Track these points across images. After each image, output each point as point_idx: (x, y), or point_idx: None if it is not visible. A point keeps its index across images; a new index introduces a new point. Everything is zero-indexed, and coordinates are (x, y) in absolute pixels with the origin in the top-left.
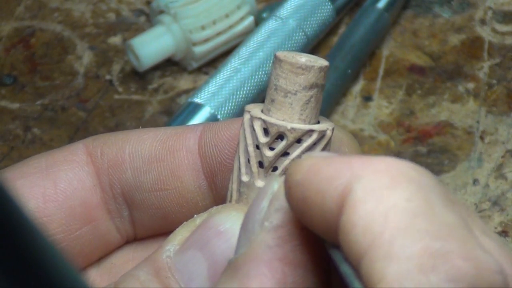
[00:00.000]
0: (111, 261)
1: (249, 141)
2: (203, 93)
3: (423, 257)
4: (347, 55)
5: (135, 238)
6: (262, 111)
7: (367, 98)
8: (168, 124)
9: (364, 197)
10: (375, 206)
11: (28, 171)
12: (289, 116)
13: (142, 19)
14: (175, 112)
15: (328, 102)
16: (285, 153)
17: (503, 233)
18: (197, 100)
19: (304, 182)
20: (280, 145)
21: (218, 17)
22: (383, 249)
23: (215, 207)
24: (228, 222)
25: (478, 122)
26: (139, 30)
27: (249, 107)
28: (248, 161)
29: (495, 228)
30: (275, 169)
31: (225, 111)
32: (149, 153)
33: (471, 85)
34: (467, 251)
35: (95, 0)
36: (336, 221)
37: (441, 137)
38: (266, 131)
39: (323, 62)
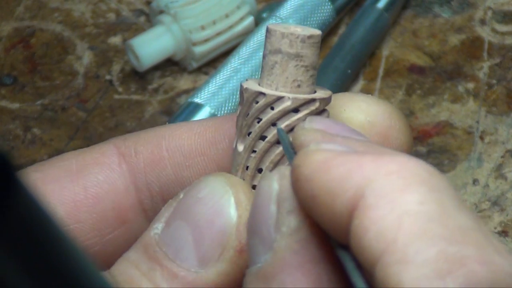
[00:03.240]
0: None
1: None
2: (203, 93)
3: (439, 262)
4: (347, 55)
5: None
6: None
7: None
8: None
9: (376, 202)
10: (387, 211)
11: (58, 175)
12: (261, 80)
13: (142, 19)
14: (175, 112)
15: None
16: (246, 114)
17: (503, 233)
18: (197, 100)
19: (314, 178)
20: (243, 106)
21: (218, 17)
22: (397, 254)
23: (196, 180)
24: (206, 188)
25: (478, 122)
26: (139, 30)
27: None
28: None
29: (495, 228)
30: (249, 134)
31: (225, 111)
32: (189, 147)
33: (471, 85)
34: (483, 255)
35: (95, 0)
36: (346, 224)
37: (441, 137)
38: None
39: (293, 30)
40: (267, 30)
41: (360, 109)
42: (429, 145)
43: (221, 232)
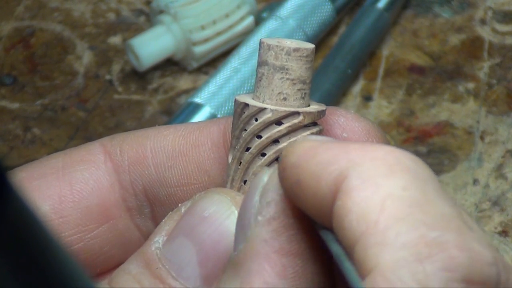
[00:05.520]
0: None
1: None
2: (203, 93)
3: (418, 246)
4: (347, 55)
5: None
6: None
7: (367, 98)
8: (168, 124)
9: (360, 184)
10: (371, 194)
11: (44, 172)
12: (253, 92)
13: (142, 19)
14: (175, 112)
15: (328, 102)
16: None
17: (503, 233)
18: (197, 100)
19: (300, 164)
20: (233, 117)
21: (218, 17)
22: (377, 236)
23: (198, 194)
24: (211, 206)
25: (478, 122)
26: (139, 30)
27: None
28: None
29: (495, 228)
30: (236, 145)
31: (225, 111)
32: (173, 148)
33: (471, 85)
34: (463, 242)
35: (95, 0)
36: (329, 205)
37: (441, 137)
38: None
39: (283, 42)
40: (259, 43)
41: (338, 123)
42: (429, 145)
43: (226, 253)
